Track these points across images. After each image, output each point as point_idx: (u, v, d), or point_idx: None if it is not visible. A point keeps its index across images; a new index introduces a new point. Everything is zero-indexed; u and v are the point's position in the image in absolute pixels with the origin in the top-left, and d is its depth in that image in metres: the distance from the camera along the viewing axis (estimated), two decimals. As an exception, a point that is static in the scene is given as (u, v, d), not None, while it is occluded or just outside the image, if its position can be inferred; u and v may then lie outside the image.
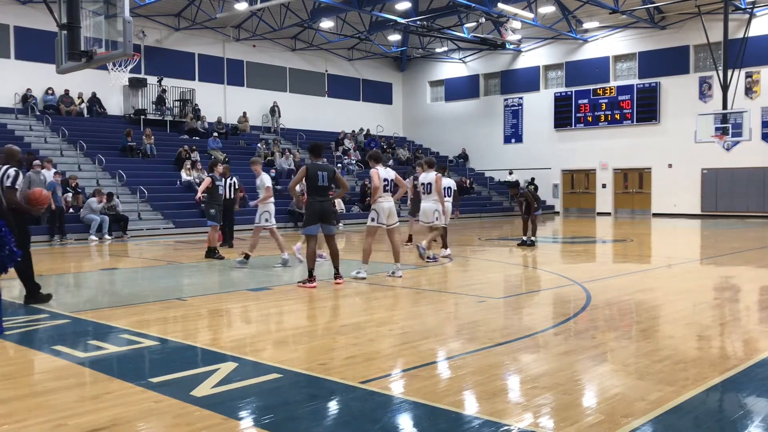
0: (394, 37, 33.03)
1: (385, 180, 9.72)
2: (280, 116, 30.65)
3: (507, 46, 30.48)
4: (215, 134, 26.49)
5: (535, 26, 28.07)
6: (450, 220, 12.80)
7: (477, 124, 34.49)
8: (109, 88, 23.41)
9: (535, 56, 32.46)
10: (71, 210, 18.22)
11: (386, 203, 9.78)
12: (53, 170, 18.16)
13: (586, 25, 29.39)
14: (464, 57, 34.88)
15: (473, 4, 24.38)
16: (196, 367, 5.00)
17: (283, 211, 21.86)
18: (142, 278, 10.28)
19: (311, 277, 8.90)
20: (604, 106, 30.10)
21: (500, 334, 6.06)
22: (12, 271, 6.57)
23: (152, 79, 26.57)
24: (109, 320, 6.78)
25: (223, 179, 14.57)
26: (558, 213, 31.73)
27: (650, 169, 29.10)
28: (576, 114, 30.91)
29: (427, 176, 11.52)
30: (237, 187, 15.02)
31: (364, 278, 9.57)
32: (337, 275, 9.19)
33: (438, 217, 11.57)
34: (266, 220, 11.17)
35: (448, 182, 12.99)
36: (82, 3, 8.74)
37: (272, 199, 11.30)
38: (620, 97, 29.59)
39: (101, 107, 25.53)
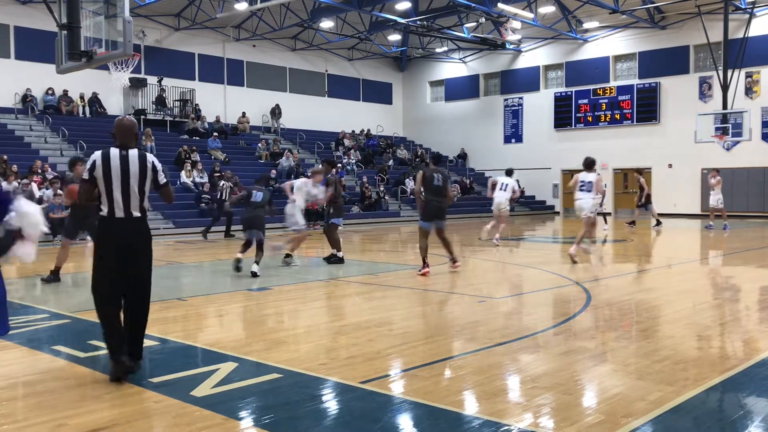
0: (394, 37, 33.01)
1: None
2: (280, 117, 30.66)
3: (507, 46, 30.46)
4: (215, 134, 26.50)
5: (535, 26, 28.05)
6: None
7: (477, 124, 34.48)
8: (109, 88, 23.39)
9: (535, 56, 32.44)
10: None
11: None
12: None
13: (586, 25, 29.38)
14: (464, 57, 34.87)
15: (473, 4, 24.36)
16: (196, 367, 5.00)
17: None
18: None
19: (425, 265, 9.88)
20: (604, 106, 30.08)
21: (500, 334, 6.06)
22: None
23: (152, 79, 26.54)
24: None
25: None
26: (558, 213, 31.73)
27: (650, 169, 29.08)
28: (576, 114, 30.89)
29: (588, 176, 12.30)
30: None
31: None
32: (454, 261, 10.42)
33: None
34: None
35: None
36: (82, 3, 8.74)
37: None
38: (620, 97, 29.57)
39: (101, 107, 25.53)
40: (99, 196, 4.74)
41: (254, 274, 9.83)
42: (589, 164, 12.04)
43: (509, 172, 16.16)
